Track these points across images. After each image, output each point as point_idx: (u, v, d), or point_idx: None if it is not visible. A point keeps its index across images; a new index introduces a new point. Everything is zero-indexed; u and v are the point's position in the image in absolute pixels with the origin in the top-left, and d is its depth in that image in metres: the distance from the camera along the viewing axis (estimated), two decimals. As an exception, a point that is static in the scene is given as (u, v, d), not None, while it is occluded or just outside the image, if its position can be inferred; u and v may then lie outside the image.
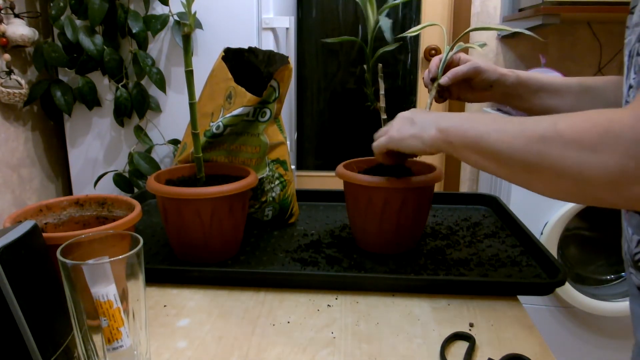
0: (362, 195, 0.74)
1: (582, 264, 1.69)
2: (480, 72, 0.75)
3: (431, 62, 0.79)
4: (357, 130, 2.44)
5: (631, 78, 0.54)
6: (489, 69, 0.76)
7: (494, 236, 0.85)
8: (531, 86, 0.76)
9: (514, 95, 0.77)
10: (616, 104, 0.73)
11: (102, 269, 0.41)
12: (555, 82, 0.76)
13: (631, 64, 0.53)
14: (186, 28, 0.66)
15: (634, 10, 0.53)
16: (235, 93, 0.81)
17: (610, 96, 0.74)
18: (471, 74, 0.76)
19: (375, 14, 0.75)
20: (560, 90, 0.76)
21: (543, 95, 0.76)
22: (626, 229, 0.58)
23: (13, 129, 1.25)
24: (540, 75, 0.77)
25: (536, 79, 0.77)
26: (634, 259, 0.56)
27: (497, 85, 0.76)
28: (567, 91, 0.76)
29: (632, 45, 0.53)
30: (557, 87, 0.76)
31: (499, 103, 0.80)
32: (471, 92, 0.79)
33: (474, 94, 0.79)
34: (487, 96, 0.79)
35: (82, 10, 1.19)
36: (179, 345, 0.56)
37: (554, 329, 1.65)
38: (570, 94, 0.75)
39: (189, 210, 0.71)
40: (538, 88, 0.76)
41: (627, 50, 0.55)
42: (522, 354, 0.53)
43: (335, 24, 2.31)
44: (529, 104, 0.78)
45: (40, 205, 0.67)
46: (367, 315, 0.62)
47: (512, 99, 0.78)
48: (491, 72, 0.76)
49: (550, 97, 0.76)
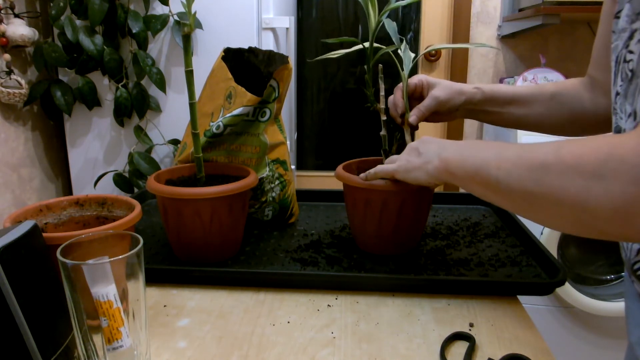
0: (360, 197, 0.74)
1: (582, 264, 1.68)
2: (444, 102, 0.75)
3: (395, 94, 0.78)
4: (357, 131, 2.44)
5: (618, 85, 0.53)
6: (453, 95, 0.76)
7: (494, 236, 0.85)
8: (498, 100, 0.76)
9: (482, 111, 0.78)
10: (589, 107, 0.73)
11: (102, 269, 0.41)
12: (522, 93, 0.76)
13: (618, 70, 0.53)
14: (186, 28, 0.66)
15: (620, 15, 0.53)
16: (235, 93, 0.81)
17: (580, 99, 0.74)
18: (436, 107, 0.76)
19: (376, 14, 0.75)
20: (527, 100, 0.76)
21: (511, 108, 0.76)
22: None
23: (13, 129, 1.25)
24: (506, 88, 0.77)
25: (502, 93, 0.76)
26: (633, 267, 0.55)
27: (465, 105, 0.77)
28: (534, 101, 0.75)
29: (619, 51, 0.53)
30: (524, 98, 0.76)
31: (467, 118, 0.80)
32: (439, 116, 0.79)
33: (441, 117, 0.79)
34: (455, 116, 0.79)
35: (82, 10, 1.19)
36: (179, 345, 0.56)
37: (554, 329, 1.65)
38: (538, 103, 0.75)
39: (189, 210, 0.71)
40: (505, 101, 0.76)
41: (614, 56, 0.54)
42: (522, 354, 0.53)
43: (335, 24, 2.31)
44: (497, 116, 0.78)
45: (40, 205, 0.67)
46: (367, 315, 0.62)
47: (480, 114, 0.78)
48: (456, 98, 0.76)
49: (519, 108, 0.76)
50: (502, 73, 2.20)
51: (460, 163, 0.55)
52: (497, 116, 0.77)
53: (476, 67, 2.21)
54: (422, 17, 2.27)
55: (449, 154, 0.57)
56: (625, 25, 0.51)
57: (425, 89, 0.78)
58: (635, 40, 0.49)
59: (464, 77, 2.22)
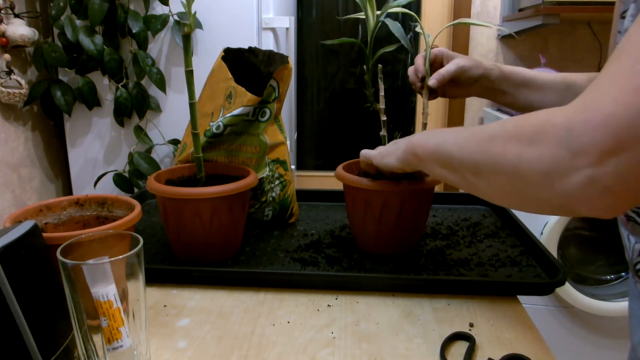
0: (360, 197, 0.74)
1: (582, 264, 1.68)
2: (465, 70, 0.76)
3: (416, 61, 0.79)
4: (357, 131, 2.44)
5: None
6: (473, 65, 0.76)
7: (494, 236, 0.85)
8: (514, 81, 0.77)
9: (498, 90, 0.78)
10: None
11: (102, 269, 0.41)
12: (538, 77, 0.77)
13: None
14: (186, 28, 0.66)
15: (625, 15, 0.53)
16: (235, 93, 0.81)
17: None
18: (457, 73, 0.76)
19: (375, 14, 0.75)
20: (543, 86, 0.76)
21: (526, 91, 0.77)
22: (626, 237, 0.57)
23: (13, 129, 1.25)
24: (524, 71, 0.78)
25: (519, 74, 0.77)
26: (636, 268, 0.55)
27: (482, 80, 0.77)
28: (550, 87, 0.76)
29: None
30: (540, 83, 0.76)
31: (483, 97, 0.81)
32: (456, 88, 0.80)
33: (459, 90, 0.80)
34: (471, 91, 0.79)
35: (82, 10, 1.19)
36: (179, 345, 0.56)
37: (554, 329, 1.65)
38: (553, 90, 0.76)
39: (189, 210, 0.71)
40: (521, 83, 0.77)
41: None
42: (522, 354, 0.53)
43: (335, 24, 2.32)
44: (512, 98, 0.78)
45: (40, 205, 0.67)
46: (367, 315, 0.62)
47: (495, 93, 0.79)
48: (475, 68, 0.76)
49: (533, 92, 0.76)
50: (502, 73, 2.20)
51: (424, 143, 0.56)
52: (511, 98, 0.78)
53: (476, 67, 2.21)
54: (422, 17, 2.27)
55: (415, 138, 0.59)
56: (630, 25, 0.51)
57: (445, 59, 0.78)
58: None
59: (464, 77, 2.22)
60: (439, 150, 0.53)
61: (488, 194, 0.48)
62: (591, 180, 0.36)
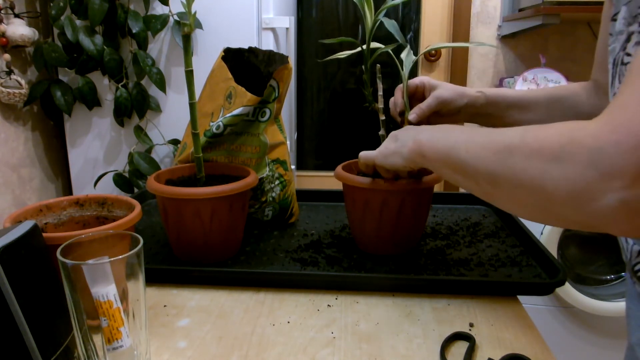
0: (360, 197, 0.74)
1: (582, 264, 1.69)
2: (447, 102, 0.75)
3: (395, 95, 0.78)
4: (357, 131, 2.44)
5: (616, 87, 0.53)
6: (456, 96, 0.75)
7: (494, 236, 0.85)
8: (500, 104, 0.76)
9: (485, 115, 0.77)
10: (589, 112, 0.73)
11: (102, 269, 0.41)
12: (524, 98, 0.76)
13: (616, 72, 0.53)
14: (186, 28, 0.66)
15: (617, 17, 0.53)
16: (235, 93, 0.81)
17: (581, 104, 0.73)
18: (438, 107, 0.75)
19: (372, 13, 0.75)
20: (529, 106, 0.75)
21: (513, 112, 0.76)
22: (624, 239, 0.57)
23: (13, 129, 1.25)
24: (509, 92, 0.77)
25: (504, 97, 0.76)
26: (634, 269, 0.55)
27: (467, 108, 0.76)
28: (535, 106, 0.75)
29: (616, 54, 0.53)
30: (526, 103, 0.76)
31: (470, 122, 0.79)
32: (440, 118, 0.78)
33: (443, 120, 0.78)
34: (456, 119, 0.78)
35: (82, 10, 1.19)
36: (179, 345, 0.56)
37: (554, 329, 1.65)
38: (539, 108, 0.75)
39: (189, 210, 0.71)
40: (507, 106, 0.76)
41: (612, 59, 0.54)
42: (522, 354, 0.53)
43: (335, 24, 2.32)
44: (500, 120, 0.77)
45: (40, 205, 0.67)
46: (367, 315, 0.62)
47: (483, 118, 0.78)
48: (459, 99, 0.75)
49: (521, 113, 0.76)
50: (502, 73, 2.20)
51: (433, 144, 0.55)
52: (499, 120, 0.77)
53: (476, 67, 2.21)
54: (422, 17, 2.27)
55: (423, 137, 0.58)
56: (622, 27, 0.51)
57: (427, 90, 0.77)
58: (633, 43, 0.49)
59: (464, 77, 2.22)
60: (450, 155, 0.51)
61: (506, 205, 0.47)
62: (623, 203, 0.35)
